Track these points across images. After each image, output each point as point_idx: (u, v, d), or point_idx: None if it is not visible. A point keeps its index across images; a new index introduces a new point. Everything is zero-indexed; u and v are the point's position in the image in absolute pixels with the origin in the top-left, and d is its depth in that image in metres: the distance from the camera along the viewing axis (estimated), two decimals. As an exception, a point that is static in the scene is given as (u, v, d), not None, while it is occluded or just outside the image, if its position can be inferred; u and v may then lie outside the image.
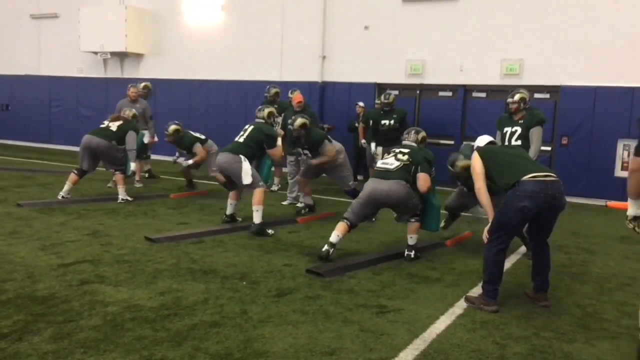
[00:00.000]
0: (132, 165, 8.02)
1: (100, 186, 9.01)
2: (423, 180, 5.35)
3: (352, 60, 11.95)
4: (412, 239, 5.51)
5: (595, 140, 9.83)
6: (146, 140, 9.41)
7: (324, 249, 5.21)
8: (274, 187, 9.59)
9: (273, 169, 7.10)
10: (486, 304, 4.09)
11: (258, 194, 6.30)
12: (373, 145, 9.33)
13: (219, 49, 13.35)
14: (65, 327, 3.42)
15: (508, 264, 5.13)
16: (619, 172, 9.69)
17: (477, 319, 3.91)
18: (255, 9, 12.90)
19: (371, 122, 9.63)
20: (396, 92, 8.92)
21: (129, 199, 7.85)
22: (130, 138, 7.90)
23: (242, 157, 6.29)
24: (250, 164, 6.34)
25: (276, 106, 8.41)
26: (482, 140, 4.81)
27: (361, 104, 10.78)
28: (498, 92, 10.50)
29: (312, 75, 12.24)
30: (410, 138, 5.73)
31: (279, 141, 6.70)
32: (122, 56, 14.53)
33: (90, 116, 14.40)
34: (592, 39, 9.81)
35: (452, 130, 11.00)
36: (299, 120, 7.09)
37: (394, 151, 5.57)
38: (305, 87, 11.58)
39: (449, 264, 5.36)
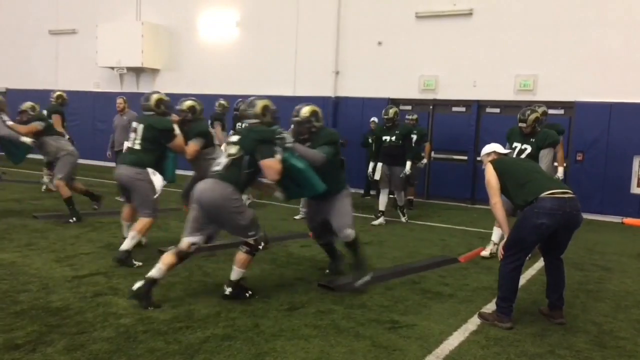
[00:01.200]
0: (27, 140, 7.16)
1: (115, 199, 9.08)
2: (267, 169, 4.16)
3: (366, 75, 12.01)
4: (235, 273, 4.33)
5: (611, 157, 9.75)
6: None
7: (135, 287, 4.08)
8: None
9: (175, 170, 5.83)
10: (500, 321, 4.05)
11: (144, 222, 5.34)
12: (371, 165, 8.37)
13: (233, 64, 13.49)
14: (78, 339, 3.43)
15: (523, 280, 5.07)
16: (635, 189, 9.59)
17: (491, 336, 3.86)
18: (269, 25, 13.05)
19: (372, 138, 9.35)
20: (397, 108, 8.30)
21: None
22: None
23: (149, 170, 5.31)
24: (158, 167, 5.45)
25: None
26: (491, 148, 4.66)
27: (375, 119, 10.78)
28: (512, 107, 10.47)
29: (325, 90, 12.31)
30: (249, 113, 4.48)
31: (176, 129, 5.59)
32: (138, 71, 14.74)
33: (107, 130, 14.57)
34: (607, 54, 9.77)
35: (466, 146, 10.98)
36: (188, 102, 6.20)
37: (227, 142, 4.45)
38: (318, 102, 11.52)
39: (462, 280, 5.32)
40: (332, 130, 4.99)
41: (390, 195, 8.43)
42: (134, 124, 5.55)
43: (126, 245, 5.26)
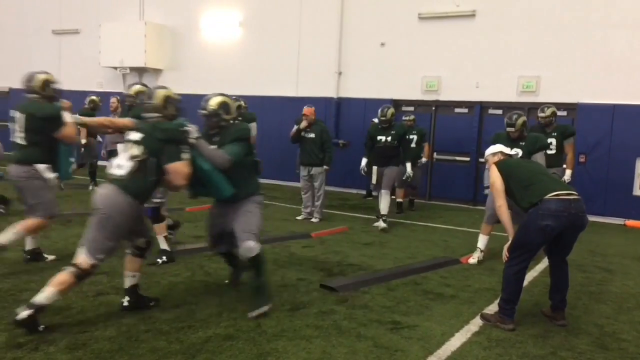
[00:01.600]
0: None
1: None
2: (174, 174, 3.76)
3: (368, 76, 12.00)
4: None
5: (614, 159, 9.73)
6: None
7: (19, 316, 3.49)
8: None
9: (73, 160, 5.16)
10: (503, 322, 4.04)
11: (35, 222, 4.85)
12: (364, 161, 8.23)
13: (236, 64, 13.50)
14: (80, 338, 3.44)
15: (525, 281, 5.06)
16: (638, 191, 9.56)
17: (492, 337, 3.86)
18: (272, 25, 13.05)
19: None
20: (393, 109, 8.24)
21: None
22: None
23: (37, 166, 4.74)
24: (52, 162, 4.84)
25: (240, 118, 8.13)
26: (497, 148, 4.69)
27: (376, 120, 10.61)
28: (514, 109, 10.42)
29: (328, 91, 12.30)
30: (147, 106, 3.97)
31: (67, 116, 4.85)
32: (141, 71, 14.75)
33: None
34: (611, 56, 9.75)
35: (468, 147, 10.96)
36: (136, 87, 5.96)
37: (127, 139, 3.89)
38: (321, 102, 11.64)
39: (464, 281, 5.31)
40: (243, 126, 4.34)
41: (392, 197, 8.42)
42: (12, 112, 4.82)
43: (5, 238, 4.77)
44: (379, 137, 8.11)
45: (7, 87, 16.79)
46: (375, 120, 10.55)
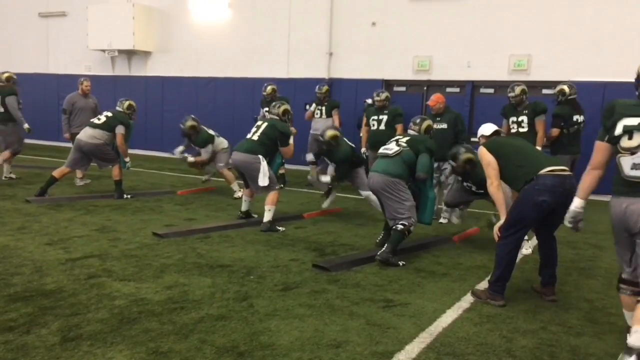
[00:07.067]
0: None
1: (109, 182, 9.04)
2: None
3: (359, 56, 11.91)
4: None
5: (604, 136, 9.74)
6: None
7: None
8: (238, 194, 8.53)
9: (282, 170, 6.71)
10: (493, 298, 4.07)
11: (272, 195, 6.32)
12: None
13: (226, 46, 13.37)
14: (72, 320, 3.44)
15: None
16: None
17: (483, 313, 3.89)
18: (262, 6, 12.90)
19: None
20: (386, 92, 8.47)
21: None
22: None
23: (260, 157, 6.22)
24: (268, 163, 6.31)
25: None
26: (487, 128, 4.78)
27: (369, 101, 10.49)
28: (506, 88, 10.37)
29: (319, 71, 12.22)
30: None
31: (292, 139, 6.59)
32: (129, 54, 14.58)
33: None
34: (602, 34, 9.72)
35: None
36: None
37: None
38: (312, 84, 11.54)
39: (456, 259, 5.35)
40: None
41: None
42: (259, 122, 6.56)
43: (267, 217, 6.35)
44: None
45: (-6, 71, 16.57)
46: (369, 101, 10.53)
